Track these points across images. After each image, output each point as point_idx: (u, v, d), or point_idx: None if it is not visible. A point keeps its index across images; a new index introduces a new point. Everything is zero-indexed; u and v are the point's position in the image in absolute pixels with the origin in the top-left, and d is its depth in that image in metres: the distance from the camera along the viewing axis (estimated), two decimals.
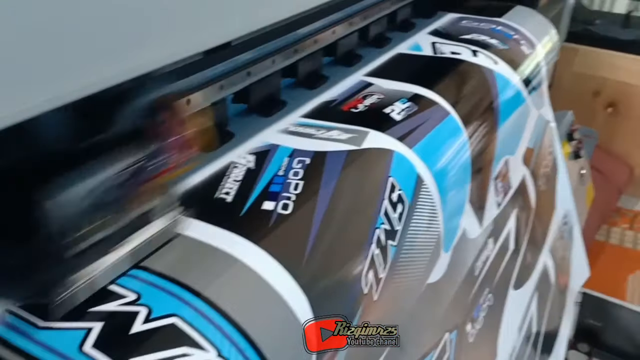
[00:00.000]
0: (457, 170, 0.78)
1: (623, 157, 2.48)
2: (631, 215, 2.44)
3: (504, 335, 0.91)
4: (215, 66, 0.61)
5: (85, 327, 0.38)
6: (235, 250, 0.47)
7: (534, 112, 1.08)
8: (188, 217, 0.48)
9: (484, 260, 0.87)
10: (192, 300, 0.42)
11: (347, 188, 0.60)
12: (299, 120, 0.70)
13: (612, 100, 2.50)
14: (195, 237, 0.48)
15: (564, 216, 1.26)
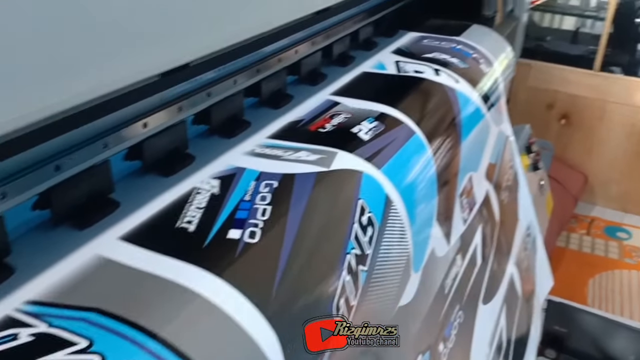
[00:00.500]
0: (423, 190, 0.75)
1: (577, 166, 2.52)
2: (588, 221, 2.46)
3: (475, 351, 0.88)
4: (173, 87, 0.57)
5: None
6: (198, 285, 0.42)
7: (493, 128, 1.07)
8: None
9: (454, 277, 0.83)
10: (150, 345, 0.37)
11: (316, 212, 0.56)
12: (264, 141, 0.66)
13: (564, 112, 2.53)
14: (154, 272, 0.43)
15: (527, 227, 1.24)
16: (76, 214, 0.47)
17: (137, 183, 0.54)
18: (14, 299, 0.39)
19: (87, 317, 0.38)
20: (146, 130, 0.54)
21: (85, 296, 0.40)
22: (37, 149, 0.43)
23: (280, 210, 0.53)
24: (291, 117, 0.73)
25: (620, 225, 2.44)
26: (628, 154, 2.46)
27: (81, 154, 0.47)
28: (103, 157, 0.50)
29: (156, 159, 0.56)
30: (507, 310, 1.06)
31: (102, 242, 0.46)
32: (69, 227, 0.47)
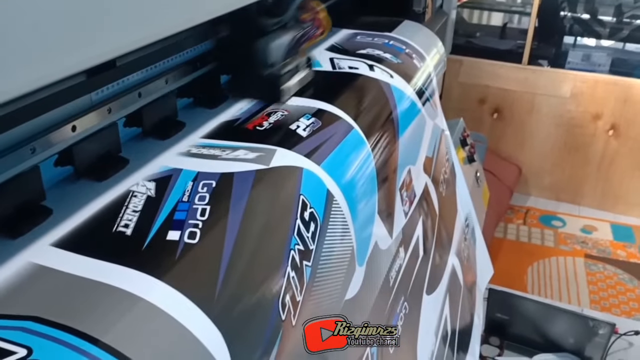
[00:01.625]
0: (364, 183, 0.76)
1: (511, 158, 2.62)
2: (523, 211, 2.57)
3: (422, 340, 0.91)
4: (101, 88, 0.56)
5: None
6: (139, 288, 0.42)
7: (429, 122, 1.10)
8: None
9: (397, 269, 0.85)
10: (91, 350, 0.37)
11: (257, 209, 0.56)
12: (201, 141, 0.65)
13: (496, 106, 2.63)
14: (92, 278, 0.42)
15: (465, 218, 1.29)
16: (7, 223, 0.46)
17: (70, 189, 0.53)
18: None
19: (25, 325, 0.37)
20: (75, 134, 0.53)
21: (21, 305, 0.39)
22: None
23: (219, 210, 0.53)
24: (227, 116, 0.73)
25: (555, 214, 2.56)
26: (558, 145, 2.58)
27: (8, 160, 0.45)
28: (32, 162, 0.48)
29: (88, 164, 0.55)
30: (451, 299, 1.10)
31: (35, 250, 0.45)
32: (0, 237, 0.45)
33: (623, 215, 2.53)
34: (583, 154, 2.56)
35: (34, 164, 0.49)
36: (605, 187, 2.57)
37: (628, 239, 2.39)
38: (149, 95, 0.63)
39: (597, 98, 2.45)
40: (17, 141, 0.47)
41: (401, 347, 0.83)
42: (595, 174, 2.57)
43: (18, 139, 0.47)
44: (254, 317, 0.50)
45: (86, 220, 0.49)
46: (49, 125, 0.50)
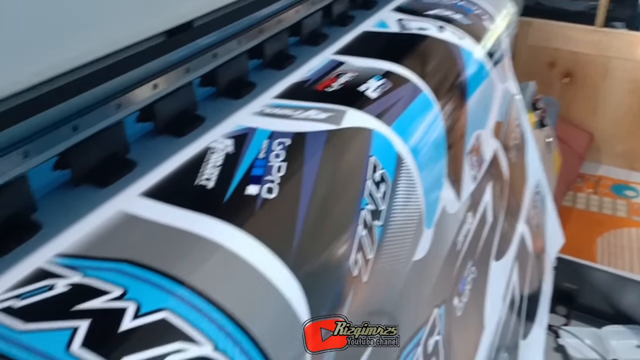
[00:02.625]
0: (433, 146, 0.76)
1: (582, 124, 2.53)
2: (594, 180, 2.49)
3: (490, 306, 0.91)
4: (180, 49, 0.58)
5: (71, 326, 0.35)
6: (221, 237, 0.44)
7: (499, 85, 1.08)
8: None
9: (465, 234, 0.86)
10: (181, 292, 0.39)
11: (330, 169, 0.58)
12: (272, 101, 0.67)
13: (567, 70, 2.54)
14: (178, 226, 0.45)
15: (535, 185, 1.27)
16: (96, 174, 0.49)
17: (151, 144, 0.56)
18: (44, 253, 0.41)
19: (119, 267, 0.40)
20: (156, 92, 0.55)
21: (114, 249, 0.42)
22: (55, 110, 0.44)
23: (295, 167, 0.55)
24: (296, 77, 0.75)
25: (628, 183, 2.46)
26: (632, 111, 2.47)
27: (96, 115, 0.48)
28: (117, 118, 0.51)
29: (168, 121, 0.58)
30: (519, 267, 1.09)
31: (123, 199, 0.48)
32: (90, 186, 0.49)
33: None
34: None
35: (118, 119, 0.52)
36: None
37: None
38: (223, 55, 0.65)
39: None
40: (104, 97, 0.49)
41: (469, 311, 0.84)
42: None
43: (105, 95, 0.49)
44: (328, 271, 0.51)
45: (169, 173, 0.52)
46: (132, 83, 0.53)
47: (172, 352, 0.35)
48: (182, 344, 0.36)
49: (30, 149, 0.43)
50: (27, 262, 0.41)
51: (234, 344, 0.39)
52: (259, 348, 0.40)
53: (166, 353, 0.35)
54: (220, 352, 0.37)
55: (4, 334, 0.35)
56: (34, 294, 0.38)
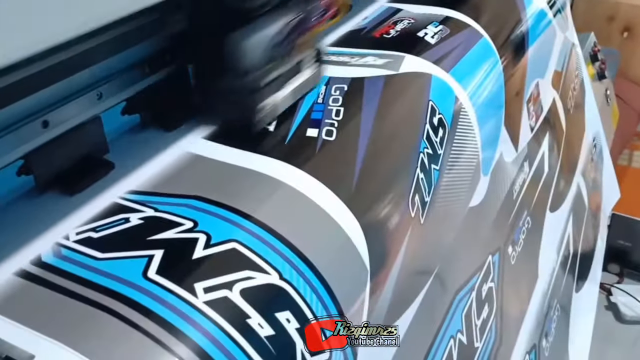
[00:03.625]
0: (492, 93, 0.75)
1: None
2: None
3: (544, 256, 0.90)
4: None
5: (146, 254, 0.37)
6: (284, 176, 0.45)
7: (559, 34, 1.04)
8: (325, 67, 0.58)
9: (521, 183, 0.84)
10: (248, 226, 0.40)
11: (388, 113, 0.57)
12: (330, 49, 0.67)
13: (627, 24, 2.41)
14: (243, 165, 0.46)
15: (593, 138, 1.23)
16: (162, 117, 0.51)
17: None
18: (118, 189, 0.43)
19: (189, 202, 0.41)
20: None
21: (183, 186, 0.43)
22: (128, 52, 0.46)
23: (353, 111, 0.55)
24: (351, 26, 0.74)
25: None
26: None
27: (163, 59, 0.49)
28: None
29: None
30: (574, 220, 1.07)
31: (189, 141, 0.49)
32: (157, 129, 0.50)
33: None
34: None
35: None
36: None
37: None
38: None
39: None
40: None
41: (523, 260, 0.83)
42: None
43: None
44: (386, 211, 0.52)
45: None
46: None
47: (241, 279, 0.37)
48: (251, 272, 0.37)
49: (103, 91, 0.44)
50: (102, 198, 0.43)
51: (298, 274, 0.40)
52: (321, 279, 0.41)
53: (236, 280, 0.37)
54: (285, 280, 0.39)
55: (85, 262, 0.37)
56: (110, 226, 0.40)
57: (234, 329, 0.35)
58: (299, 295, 0.39)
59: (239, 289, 0.36)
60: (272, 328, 0.36)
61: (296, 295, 0.38)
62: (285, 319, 0.38)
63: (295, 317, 0.38)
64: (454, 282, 0.64)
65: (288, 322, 0.38)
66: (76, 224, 0.40)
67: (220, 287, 0.36)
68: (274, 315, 0.37)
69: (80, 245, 0.38)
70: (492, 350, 0.73)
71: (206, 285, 0.35)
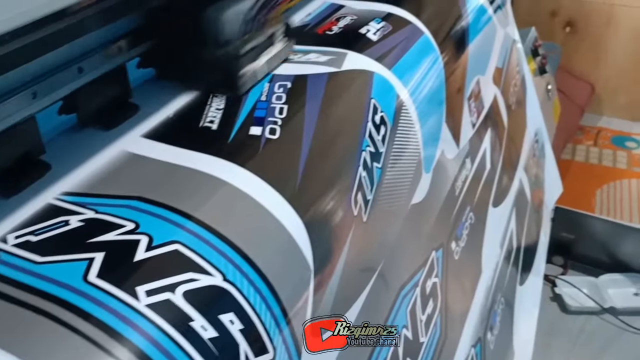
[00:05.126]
0: (433, 90, 0.78)
1: (583, 75, 2.52)
2: (594, 132, 2.50)
3: (487, 251, 0.94)
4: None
5: (87, 257, 0.37)
6: (227, 175, 0.47)
7: (500, 31, 1.09)
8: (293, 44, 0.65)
9: (463, 179, 0.88)
10: (190, 226, 0.42)
11: (331, 111, 0.59)
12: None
13: (569, 19, 2.52)
14: (183, 165, 0.47)
15: (535, 134, 1.29)
16: (100, 117, 0.51)
17: (153, 89, 0.58)
18: (56, 190, 0.44)
19: (130, 203, 0.42)
20: None
21: (124, 187, 0.44)
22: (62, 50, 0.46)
23: (296, 109, 0.57)
24: (296, 22, 0.75)
25: (629, 135, 2.48)
26: (637, 60, 2.47)
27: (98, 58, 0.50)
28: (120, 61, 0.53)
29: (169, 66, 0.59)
30: (517, 214, 1.12)
31: (128, 140, 0.50)
32: (95, 129, 0.51)
33: None
34: None
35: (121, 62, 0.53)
36: None
37: None
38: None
39: None
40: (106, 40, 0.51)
41: (467, 255, 0.87)
42: None
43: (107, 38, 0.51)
44: (329, 209, 0.54)
45: (172, 115, 0.53)
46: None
47: (184, 281, 0.38)
48: (194, 274, 0.39)
49: (38, 89, 0.44)
50: (39, 200, 0.43)
51: (242, 275, 0.41)
52: (264, 280, 0.43)
53: (179, 282, 0.38)
54: (229, 282, 0.40)
55: (24, 266, 0.37)
56: (50, 229, 0.40)
57: (176, 332, 0.36)
58: (243, 296, 0.40)
59: (182, 291, 0.37)
60: (215, 330, 0.38)
61: (240, 297, 0.40)
62: (229, 320, 0.39)
63: (239, 318, 0.40)
64: (398, 279, 0.66)
65: (232, 323, 0.39)
66: (13, 227, 0.40)
67: (162, 290, 0.37)
68: (218, 317, 0.39)
69: (19, 249, 0.39)
70: (438, 345, 0.76)
71: (148, 288, 0.36)
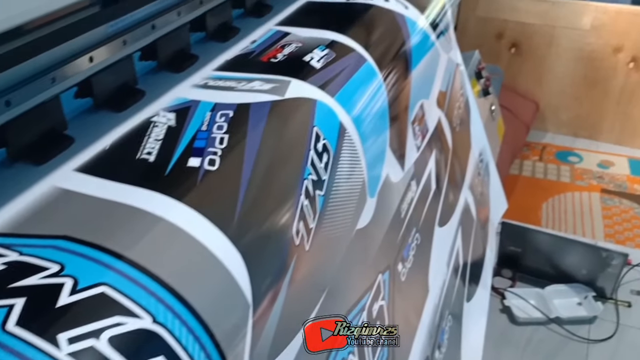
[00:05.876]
0: (376, 116, 0.77)
1: (529, 94, 2.59)
2: (540, 147, 2.56)
3: (433, 271, 0.94)
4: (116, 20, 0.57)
5: (6, 304, 0.35)
6: (161, 210, 0.45)
7: (443, 55, 1.10)
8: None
9: (409, 202, 0.88)
10: (119, 266, 0.39)
11: (273, 139, 0.58)
12: (216, 74, 0.67)
13: (514, 40, 2.58)
14: (116, 200, 0.45)
15: (479, 153, 1.30)
16: (32, 151, 0.49)
17: (90, 119, 0.56)
18: None
19: (56, 244, 0.40)
20: (92, 65, 0.55)
21: (51, 225, 0.42)
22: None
23: (237, 138, 0.55)
24: (240, 49, 0.74)
25: (572, 150, 2.55)
26: (577, 79, 2.54)
27: (30, 89, 0.47)
28: (52, 92, 0.50)
29: (107, 95, 0.57)
30: (463, 233, 1.13)
31: (60, 175, 0.47)
32: (26, 164, 0.48)
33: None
34: (602, 88, 2.52)
35: (54, 94, 0.51)
36: (624, 121, 2.55)
37: None
38: (162, 27, 0.64)
39: (618, 30, 2.40)
40: (37, 71, 0.48)
41: (413, 276, 0.86)
42: (615, 108, 2.54)
43: (38, 69, 0.48)
44: (270, 241, 0.52)
45: (109, 148, 0.51)
46: (67, 56, 0.52)
47: (110, 326, 0.36)
48: (121, 318, 0.37)
49: None
50: None
51: (173, 316, 0.39)
52: (198, 318, 0.41)
53: (104, 327, 0.36)
54: (159, 324, 0.38)
55: None
56: None
57: None
58: (174, 338, 0.38)
59: (108, 336, 0.35)
60: None
61: (171, 339, 0.38)
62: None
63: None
64: (344, 305, 0.65)
65: None
66: None
67: (86, 337, 0.34)
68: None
69: None
70: None
71: (71, 335, 0.34)
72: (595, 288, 1.70)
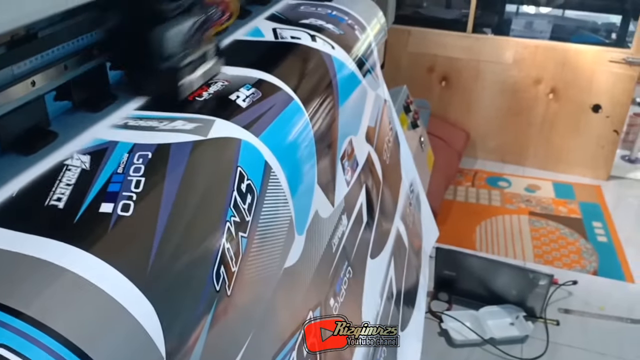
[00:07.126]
0: (302, 154, 0.75)
1: (459, 123, 2.66)
2: (472, 174, 2.62)
3: (367, 302, 0.92)
4: (23, 62, 0.53)
5: None
6: (66, 261, 0.41)
7: (370, 92, 1.10)
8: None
9: (340, 236, 0.86)
10: (17, 325, 0.36)
11: (194, 181, 0.55)
12: (137, 113, 0.63)
13: (444, 74, 2.65)
14: (17, 251, 0.40)
15: (410, 184, 1.30)
16: None
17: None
18: None
19: None
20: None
21: None
22: None
23: (154, 181, 0.51)
24: None
25: (501, 175, 2.62)
26: (502, 109, 2.63)
27: None
28: None
29: (14, 138, 0.53)
30: (396, 262, 1.12)
31: None
32: None
33: (564, 174, 2.62)
34: (526, 117, 2.62)
35: None
36: (547, 147, 2.64)
37: (568, 196, 2.47)
38: (75, 67, 0.60)
39: (537, 63, 2.50)
40: None
41: (347, 309, 0.84)
42: (538, 135, 2.63)
43: None
44: (187, 289, 0.49)
45: (14, 194, 0.47)
46: None
47: None
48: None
49: None
50: None
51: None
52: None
53: None
54: None
55: None
56: None
57: None
58: None
59: None
60: None
61: None
62: None
63: None
64: (271, 347, 0.62)
65: None
66: None
67: None
68: None
69: None
70: None
71: None
72: (525, 308, 1.73)
